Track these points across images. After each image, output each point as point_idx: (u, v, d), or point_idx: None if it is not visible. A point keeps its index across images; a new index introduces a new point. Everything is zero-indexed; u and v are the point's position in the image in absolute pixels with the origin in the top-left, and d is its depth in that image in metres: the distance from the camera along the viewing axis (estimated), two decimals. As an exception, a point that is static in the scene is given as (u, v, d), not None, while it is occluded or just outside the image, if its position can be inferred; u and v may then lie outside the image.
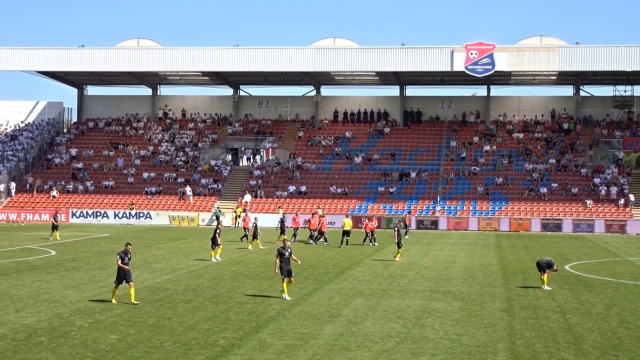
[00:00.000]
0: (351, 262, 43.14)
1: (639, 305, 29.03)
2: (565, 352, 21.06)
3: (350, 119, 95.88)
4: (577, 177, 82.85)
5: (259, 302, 28.42)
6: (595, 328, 24.43)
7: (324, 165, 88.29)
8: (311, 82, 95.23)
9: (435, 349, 21.25)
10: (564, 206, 77.84)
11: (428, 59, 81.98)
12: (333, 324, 24.49)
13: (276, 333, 22.96)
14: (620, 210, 76.74)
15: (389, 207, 79.08)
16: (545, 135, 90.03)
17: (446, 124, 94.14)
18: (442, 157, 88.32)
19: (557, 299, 30.20)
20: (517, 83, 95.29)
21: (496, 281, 35.41)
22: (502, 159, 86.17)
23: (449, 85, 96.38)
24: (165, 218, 79.38)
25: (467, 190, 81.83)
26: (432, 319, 25.43)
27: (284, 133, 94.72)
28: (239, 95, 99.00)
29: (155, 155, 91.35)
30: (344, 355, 20.35)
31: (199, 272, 37.62)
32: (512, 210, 77.39)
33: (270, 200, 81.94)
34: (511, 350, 21.19)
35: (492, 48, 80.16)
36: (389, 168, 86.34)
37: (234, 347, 21.11)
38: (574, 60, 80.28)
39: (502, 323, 25.03)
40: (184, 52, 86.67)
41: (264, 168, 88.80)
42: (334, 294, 30.52)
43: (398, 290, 31.91)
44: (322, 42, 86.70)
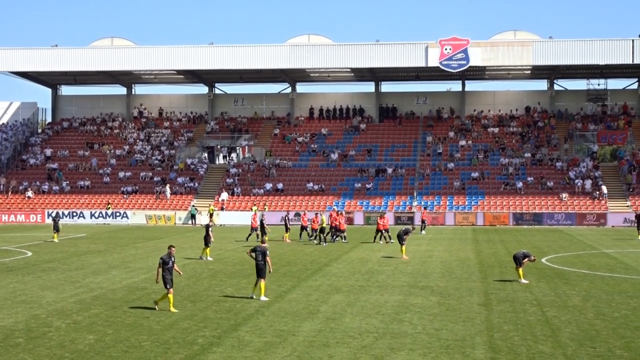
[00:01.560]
0: (329, 258, 43.17)
1: (615, 297, 29.23)
2: (542, 345, 21.18)
3: (326, 116, 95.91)
4: (552, 171, 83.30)
5: (238, 300, 28.39)
6: (572, 320, 24.58)
7: (300, 162, 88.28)
8: (286, 79, 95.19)
9: (414, 343, 21.31)
10: (540, 200, 78.25)
11: (403, 54, 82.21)
12: (311, 320, 24.50)
13: (255, 330, 22.95)
14: (596, 202, 77.23)
15: (366, 203, 79.18)
16: (520, 130, 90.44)
17: (422, 119, 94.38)
18: (418, 152, 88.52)
19: (535, 292, 30.36)
20: (491, 78, 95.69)
21: (473, 275, 35.54)
22: (477, 153, 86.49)
23: (424, 81, 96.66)
24: (142, 217, 79.10)
25: (444, 185, 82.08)
26: (410, 314, 25.49)
27: (259, 130, 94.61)
28: (214, 94, 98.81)
29: (130, 155, 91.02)
30: (322, 352, 20.37)
31: (177, 271, 37.48)
32: (489, 205, 77.71)
33: (247, 198, 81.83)
34: (489, 344, 21.28)
35: (466, 43, 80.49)
36: (365, 164, 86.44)
37: (212, 346, 21.08)
38: (547, 54, 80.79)
39: (480, 317, 25.13)
40: (159, 50, 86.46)
41: (241, 166, 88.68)
42: (312, 291, 30.53)
43: (376, 286, 31.95)
44: (297, 39, 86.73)
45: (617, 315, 25.50)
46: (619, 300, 28.50)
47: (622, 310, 26.30)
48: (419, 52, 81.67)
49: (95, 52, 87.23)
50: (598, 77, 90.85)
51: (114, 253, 46.94)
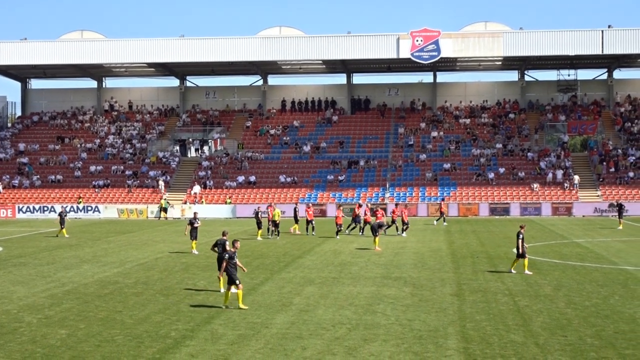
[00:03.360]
0: (302, 250, 43.18)
1: (586, 286, 29.46)
2: (514, 334, 21.31)
3: (298, 108, 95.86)
4: (523, 161, 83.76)
5: (210, 294, 28.34)
6: (543, 309, 24.74)
7: (272, 154, 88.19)
8: (258, 72, 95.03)
9: (387, 334, 21.37)
10: (511, 190, 78.67)
11: (374, 46, 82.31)
12: (285, 312, 24.50)
13: (228, 323, 22.92)
14: (566, 192, 77.77)
15: (339, 195, 79.25)
16: (491, 121, 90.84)
17: (394, 111, 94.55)
18: (390, 144, 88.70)
19: (506, 282, 30.53)
20: (462, 69, 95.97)
21: (446, 266, 35.68)
22: (449, 144, 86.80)
23: (395, 73, 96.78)
24: (114, 211, 78.74)
25: (416, 177, 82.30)
26: (383, 305, 25.56)
27: (231, 123, 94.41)
28: (185, 86, 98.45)
29: (102, 148, 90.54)
30: (296, 344, 20.39)
31: (149, 264, 37.40)
32: (461, 196, 78.04)
33: (220, 191, 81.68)
34: (462, 334, 21.38)
35: (437, 35, 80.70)
36: (338, 156, 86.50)
37: (185, 339, 21.04)
38: (518, 45, 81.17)
39: (453, 307, 25.24)
40: (129, 43, 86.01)
41: (213, 159, 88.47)
42: (285, 283, 30.54)
43: (349, 278, 32.00)
44: (268, 31, 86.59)
45: (588, 304, 25.70)
46: (590, 289, 28.72)
47: (593, 299, 26.51)
48: (391, 44, 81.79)
49: (65, 45, 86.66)
50: (568, 67, 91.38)
51: (85, 247, 46.70)
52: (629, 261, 37.19)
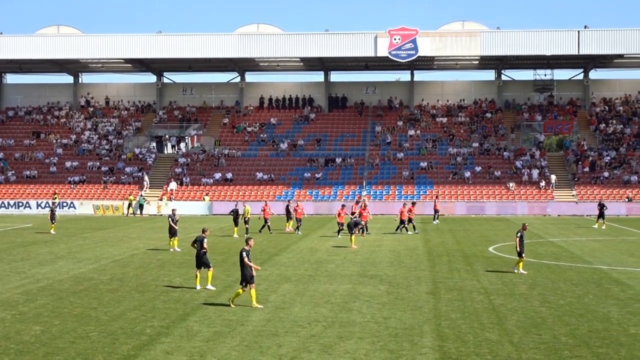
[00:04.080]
0: (278, 248, 43.17)
1: (560, 284, 29.62)
2: (489, 332, 21.39)
3: (275, 105, 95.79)
4: (499, 161, 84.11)
5: (186, 290, 28.28)
6: (518, 308, 24.86)
7: (249, 151, 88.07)
8: (235, 69, 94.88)
9: (363, 332, 21.40)
10: (487, 189, 78.99)
11: (352, 44, 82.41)
12: (260, 310, 24.47)
13: (204, 320, 22.88)
14: (542, 192, 78.17)
15: (315, 192, 79.27)
16: (468, 120, 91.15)
17: (371, 109, 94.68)
18: (367, 142, 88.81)
19: (482, 280, 30.65)
20: (440, 68, 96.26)
21: (422, 264, 35.76)
22: (426, 143, 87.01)
23: (373, 71, 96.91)
24: (89, 207, 78.37)
25: (393, 175, 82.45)
26: (359, 303, 25.58)
27: (208, 120, 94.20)
28: (162, 83, 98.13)
29: (78, 144, 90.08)
30: (271, 341, 20.37)
31: (125, 261, 37.26)
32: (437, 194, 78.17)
33: (196, 188, 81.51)
34: (437, 332, 21.44)
35: (415, 33, 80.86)
36: (315, 154, 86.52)
37: (161, 336, 20.97)
38: (495, 45, 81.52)
39: (428, 305, 25.30)
40: (106, 39, 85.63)
41: (189, 155, 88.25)
42: (261, 280, 30.47)
43: (325, 275, 32.02)
44: (246, 28, 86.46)
45: (562, 302, 25.84)
46: (564, 288, 28.89)
47: (567, 298, 26.66)
48: (368, 42, 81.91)
49: (42, 40, 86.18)
50: (545, 67, 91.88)
51: (60, 243, 46.45)
52: (604, 260, 37.43)
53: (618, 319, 23.28)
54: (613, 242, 47.41)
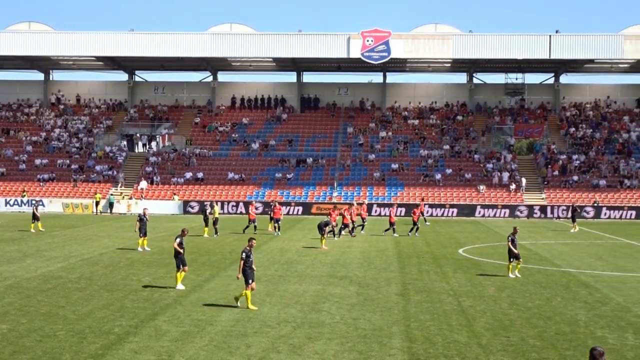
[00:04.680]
0: (248, 248, 43.03)
1: (529, 287, 29.79)
2: (458, 334, 21.48)
3: (248, 105, 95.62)
4: (470, 163, 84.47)
5: (155, 290, 28.17)
6: (487, 310, 24.98)
7: (220, 151, 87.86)
8: (208, 68, 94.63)
9: (332, 333, 21.42)
10: (458, 191, 79.28)
11: (325, 45, 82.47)
12: (230, 310, 24.43)
13: (172, 320, 22.81)
14: (512, 195, 78.59)
15: (287, 193, 79.22)
16: (439, 122, 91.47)
17: (343, 110, 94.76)
18: (339, 143, 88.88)
19: (451, 282, 30.77)
20: (412, 70, 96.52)
21: (392, 265, 35.85)
22: (397, 145, 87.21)
23: (345, 72, 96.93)
24: (59, 205, 77.82)
25: (364, 176, 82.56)
26: (328, 304, 25.60)
27: (180, 119, 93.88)
28: (134, 81, 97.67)
29: (48, 142, 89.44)
30: (240, 341, 20.35)
31: (94, 260, 37.05)
32: (408, 196, 78.42)
33: (167, 187, 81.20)
34: (406, 333, 21.50)
35: (388, 35, 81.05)
36: (286, 154, 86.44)
37: (129, 335, 20.88)
38: (467, 48, 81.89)
39: (398, 307, 25.36)
40: (78, 36, 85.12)
41: (160, 154, 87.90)
42: (230, 281, 30.41)
43: (295, 276, 32.01)
44: (219, 27, 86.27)
45: (531, 305, 26.00)
46: (533, 290, 29.06)
47: (536, 301, 26.83)
48: (341, 43, 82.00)
49: (12, 37, 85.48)
50: (516, 71, 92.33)
51: (29, 241, 46.11)
52: (572, 263, 37.70)
53: (585, 321, 23.46)
54: (581, 245, 47.74)
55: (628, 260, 39.55)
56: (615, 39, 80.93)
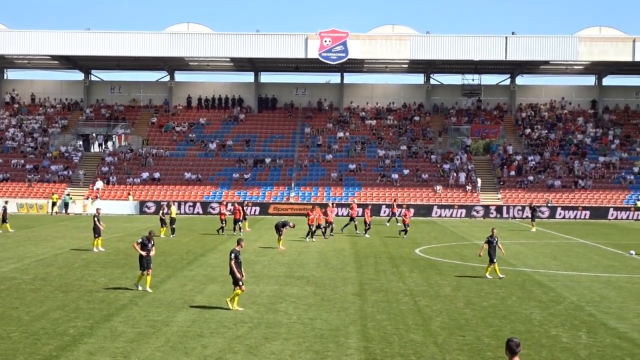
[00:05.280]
0: (205, 249, 42.97)
1: (484, 286, 30.01)
2: (414, 334, 21.58)
3: (205, 105, 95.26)
4: (427, 163, 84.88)
5: (111, 291, 27.99)
6: (443, 309, 25.12)
7: (177, 151, 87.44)
8: (165, 68, 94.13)
9: (289, 333, 21.42)
10: (415, 192, 79.63)
11: (282, 45, 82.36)
12: (186, 310, 24.35)
13: (128, 321, 22.67)
14: (468, 195, 79.13)
15: (244, 193, 79.04)
16: (397, 123, 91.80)
17: (300, 110, 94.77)
18: (296, 143, 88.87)
19: (408, 282, 30.90)
20: (370, 71, 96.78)
21: (349, 265, 35.91)
22: (355, 145, 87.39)
23: (303, 72, 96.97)
24: (13, 206, 76.82)
25: (321, 177, 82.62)
26: (285, 304, 25.60)
27: (137, 119, 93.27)
28: (90, 80, 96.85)
29: (2, 142, 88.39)
30: (196, 342, 20.27)
31: (48, 260, 36.71)
32: (365, 196, 78.59)
33: (123, 187, 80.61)
34: (362, 333, 21.56)
35: (345, 36, 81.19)
36: (244, 154, 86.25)
37: (84, 336, 20.72)
38: (424, 49, 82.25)
39: (354, 307, 25.42)
40: (33, 35, 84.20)
41: (117, 154, 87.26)
42: (187, 281, 30.34)
43: (252, 276, 31.94)
44: (176, 27, 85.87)
45: (486, 304, 26.20)
46: (488, 290, 29.28)
47: (491, 300, 27.04)
48: (299, 44, 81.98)
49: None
50: (473, 72, 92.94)
51: (-18, 242, 45.57)
52: (527, 263, 38.04)
53: (540, 320, 23.68)
54: (536, 245, 48.19)
55: (582, 260, 40.00)
56: (570, 41, 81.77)
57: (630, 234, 58.81)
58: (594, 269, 36.19)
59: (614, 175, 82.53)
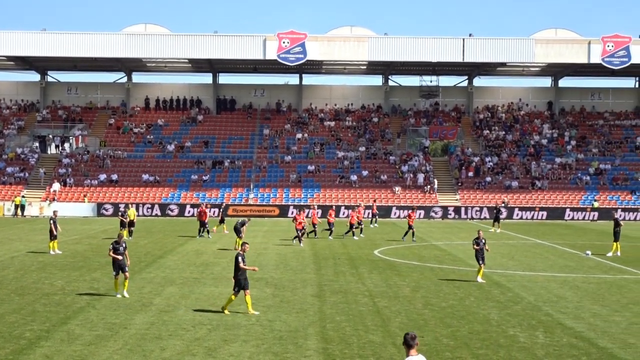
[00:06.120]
0: (163, 250, 42.75)
1: (443, 287, 30.16)
2: (373, 335, 21.62)
3: (163, 107, 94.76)
4: (386, 165, 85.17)
5: (68, 293, 27.73)
6: (402, 310, 25.21)
7: (135, 153, 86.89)
8: (122, 69, 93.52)
9: (247, 335, 21.38)
10: (374, 193, 79.81)
11: (241, 46, 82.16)
12: (144, 313, 24.19)
13: (85, 324, 22.47)
14: (427, 196, 79.51)
15: (203, 195, 78.74)
16: (355, 124, 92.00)
17: (259, 112, 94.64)
18: (255, 145, 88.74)
19: (367, 283, 30.96)
20: (328, 72, 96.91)
21: (308, 267, 35.91)
22: (314, 147, 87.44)
23: (261, 74, 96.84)
24: (-32, 208, 75.97)
25: (280, 178, 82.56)
26: (244, 306, 25.50)
27: (94, 120, 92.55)
28: (46, 81, 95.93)
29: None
30: (155, 344, 20.16)
31: (4, 263, 36.28)
32: (324, 198, 78.68)
33: (80, 189, 79.92)
34: (321, 335, 21.57)
35: (304, 37, 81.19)
36: (202, 156, 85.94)
37: (40, 340, 20.51)
38: (382, 50, 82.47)
39: (313, 308, 25.43)
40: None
41: (74, 156, 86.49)
42: (145, 283, 30.14)
43: (211, 278, 31.85)
44: (133, 28, 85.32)
45: (445, 305, 26.33)
46: (447, 290, 29.43)
47: (449, 300, 27.18)
48: (257, 45, 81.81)
49: None
50: (431, 74, 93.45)
51: (-64, 245, 44.94)
52: (485, 264, 38.22)
53: (497, 320, 23.85)
54: (494, 245, 48.46)
55: (539, 260, 40.37)
56: (527, 43, 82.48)
57: (586, 234, 59.47)
58: (550, 269, 36.54)
59: (570, 176, 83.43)
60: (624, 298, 28.47)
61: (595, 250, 44.65)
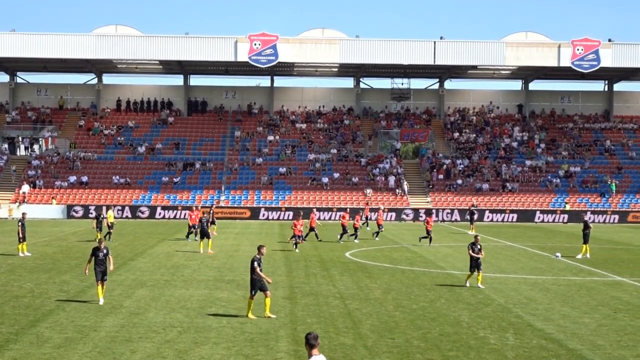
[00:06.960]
0: (134, 253, 42.54)
1: (414, 289, 30.24)
2: (344, 337, 21.63)
3: (134, 108, 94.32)
4: (357, 167, 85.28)
5: (37, 296, 27.52)
6: (373, 312, 25.24)
7: (106, 154, 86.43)
8: (92, 70, 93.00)
9: (218, 337, 21.31)
10: (345, 195, 79.91)
11: (212, 48, 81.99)
12: (114, 315, 24.06)
13: (55, 326, 22.31)
14: (398, 198, 79.70)
15: (173, 197, 78.48)
16: (327, 126, 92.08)
17: (230, 114, 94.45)
18: (226, 147, 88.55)
19: (338, 285, 30.97)
20: (300, 74, 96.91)
21: (279, 269, 35.86)
22: (285, 149, 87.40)
23: (233, 76, 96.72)
24: (-64, 210, 75.22)
25: (252, 180, 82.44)
26: (215, 308, 25.47)
27: (64, 122, 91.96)
28: (15, 82, 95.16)
29: None
30: (125, 347, 20.05)
31: (-27, 266, 35.94)
32: (296, 200, 78.66)
33: (50, 191, 79.40)
34: (292, 337, 21.55)
35: (275, 39, 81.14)
36: (173, 158, 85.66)
37: (9, 342, 20.34)
38: (354, 52, 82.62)
39: (285, 310, 25.40)
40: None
41: (43, 158, 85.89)
42: (115, 286, 29.96)
43: (181, 280, 31.74)
44: (104, 29, 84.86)
45: (416, 307, 26.39)
46: (418, 292, 29.51)
47: (420, 302, 27.24)
48: (229, 47, 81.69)
49: None
50: (402, 76, 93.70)
51: None
52: (456, 266, 38.44)
53: (468, 322, 23.94)
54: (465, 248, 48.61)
55: (509, 262, 40.57)
56: (497, 46, 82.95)
57: (556, 236, 59.85)
58: (521, 271, 36.74)
59: (540, 178, 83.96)
60: (593, 300, 28.68)
61: (565, 252, 44.98)
